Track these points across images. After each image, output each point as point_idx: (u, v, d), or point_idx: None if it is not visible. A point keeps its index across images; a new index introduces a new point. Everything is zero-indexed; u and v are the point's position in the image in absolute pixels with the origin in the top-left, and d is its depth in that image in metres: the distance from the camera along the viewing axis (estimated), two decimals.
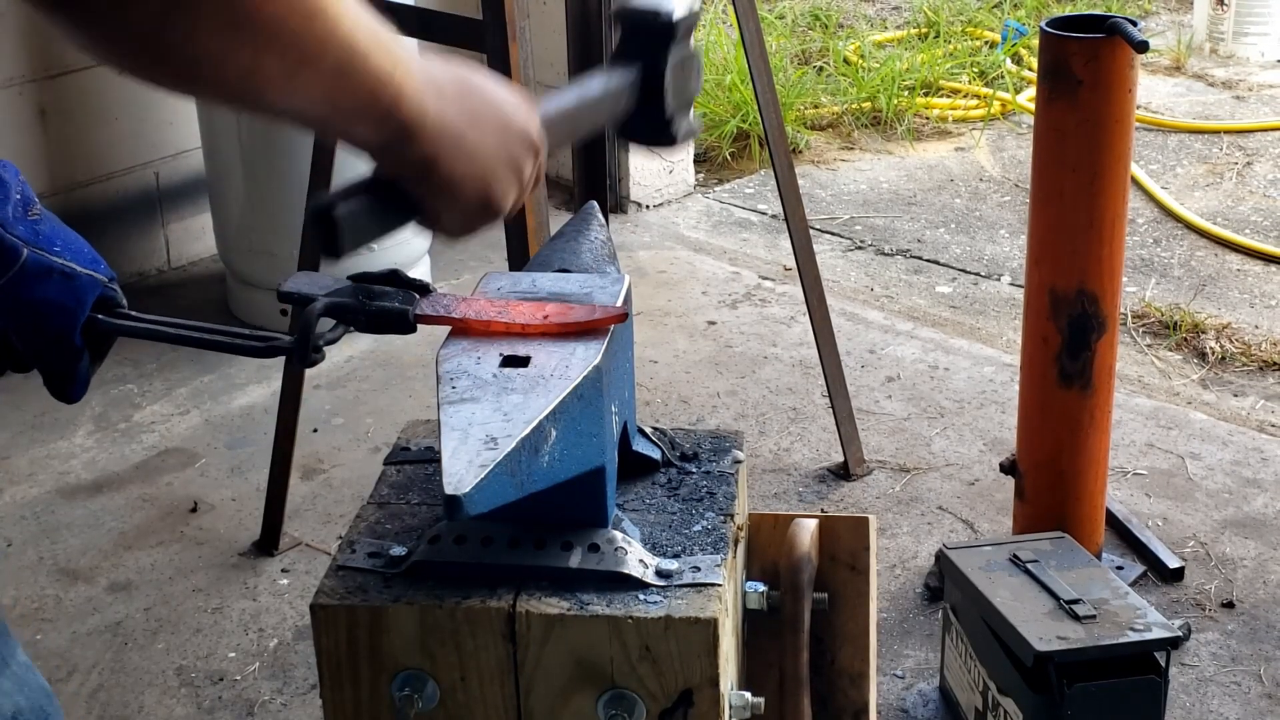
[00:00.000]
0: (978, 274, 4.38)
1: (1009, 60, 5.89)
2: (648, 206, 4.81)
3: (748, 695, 1.52)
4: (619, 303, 1.51)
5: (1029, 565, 2.48)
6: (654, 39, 1.42)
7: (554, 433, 1.35)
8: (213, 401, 3.73)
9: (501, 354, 1.43)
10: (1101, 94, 2.58)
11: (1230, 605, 2.90)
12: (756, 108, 3.64)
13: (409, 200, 1.20)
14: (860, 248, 4.56)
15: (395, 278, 1.48)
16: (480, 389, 1.37)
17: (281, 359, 2.30)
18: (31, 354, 1.35)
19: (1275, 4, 6.04)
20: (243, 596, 3.01)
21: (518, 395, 1.36)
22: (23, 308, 1.33)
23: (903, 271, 4.41)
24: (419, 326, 1.47)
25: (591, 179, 3.12)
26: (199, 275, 4.39)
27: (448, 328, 1.50)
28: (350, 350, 3.93)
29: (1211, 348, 3.86)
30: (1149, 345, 3.93)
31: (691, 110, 1.50)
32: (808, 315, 3.24)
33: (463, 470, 1.26)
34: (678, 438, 1.70)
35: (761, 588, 1.66)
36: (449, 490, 1.24)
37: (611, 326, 1.47)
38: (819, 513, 3.20)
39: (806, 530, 1.70)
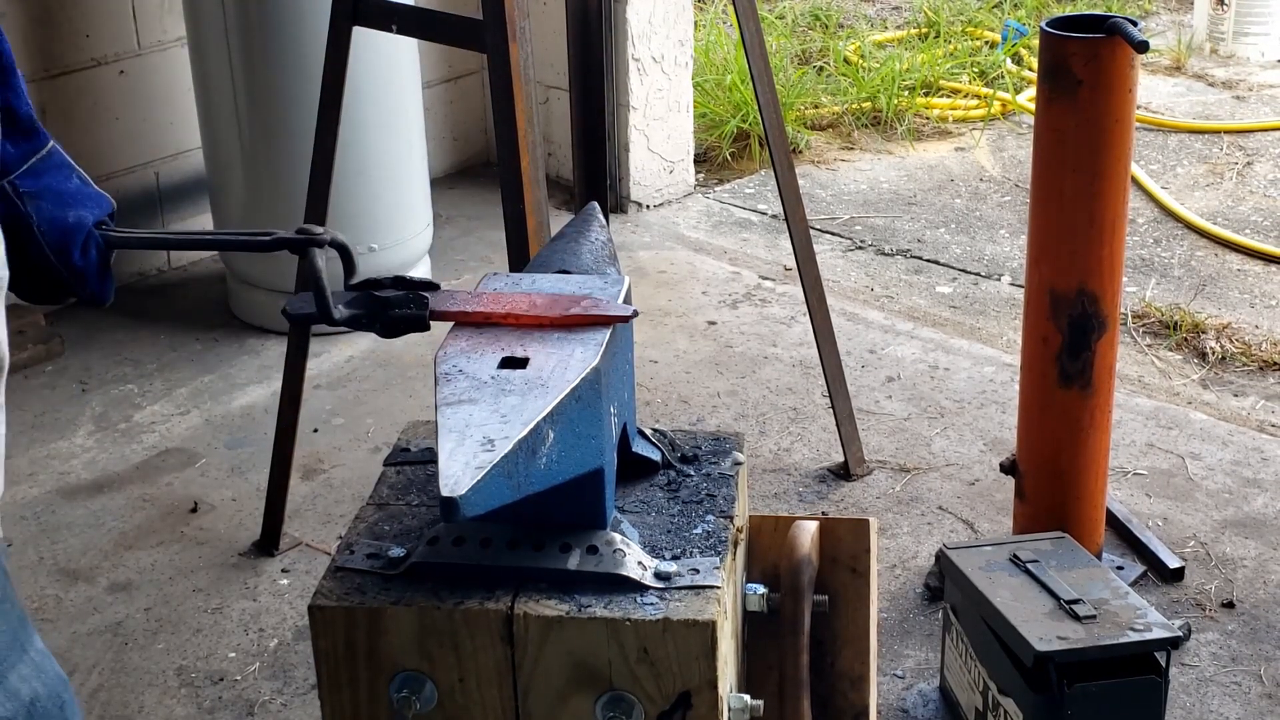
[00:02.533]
0: (978, 274, 4.38)
1: (1009, 60, 5.89)
2: (648, 206, 4.81)
3: (747, 698, 1.52)
4: (622, 303, 1.51)
5: (1029, 565, 2.48)
6: None
7: (552, 435, 1.35)
8: (213, 401, 3.73)
9: (500, 355, 1.43)
10: (1102, 94, 2.58)
11: (1230, 605, 2.90)
12: (756, 108, 3.64)
13: None
14: (860, 248, 4.56)
15: (401, 281, 1.50)
16: (478, 390, 1.38)
17: (281, 361, 2.27)
18: (54, 241, 1.42)
19: (1275, 4, 6.04)
20: (243, 596, 3.01)
21: (515, 397, 1.36)
22: (48, 192, 1.44)
23: (903, 271, 4.40)
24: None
25: (592, 179, 3.12)
26: (199, 275, 4.39)
27: (446, 327, 1.51)
28: (350, 350, 3.93)
29: (1212, 348, 3.86)
30: (1149, 345, 3.93)
31: None
32: (808, 315, 3.24)
33: (459, 472, 1.26)
34: (678, 439, 1.69)
35: (762, 590, 1.66)
36: (445, 492, 1.24)
37: (611, 328, 1.47)
38: (819, 513, 3.20)
39: (807, 532, 1.70)
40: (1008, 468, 2.96)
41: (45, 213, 1.44)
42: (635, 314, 1.50)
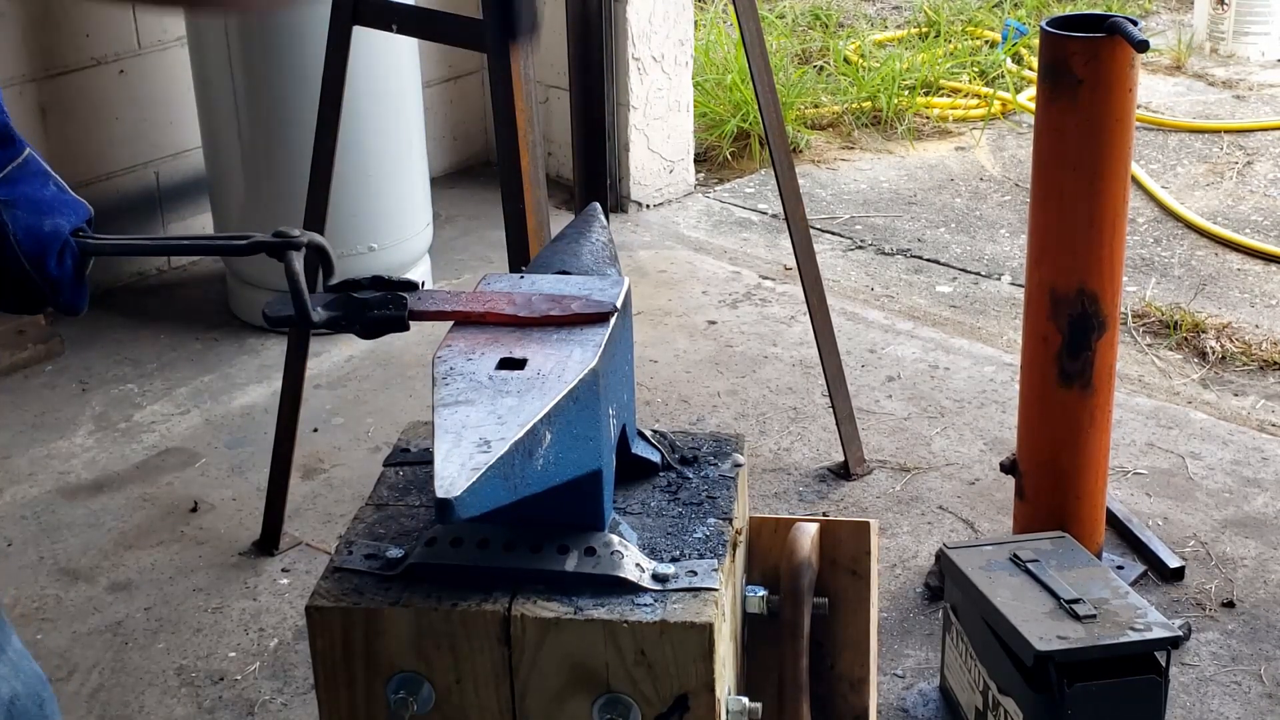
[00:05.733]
0: (978, 273, 4.37)
1: (1009, 60, 5.88)
2: (648, 206, 4.80)
3: (745, 700, 1.52)
4: (618, 304, 1.51)
5: (1029, 565, 2.47)
6: None
7: (549, 436, 1.34)
8: (213, 401, 3.73)
9: (498, 356, 1.43)
10: (1102, 93, 2.58)
11: (1230, 605, 2.89)
12: (756, 107, 3.64)
13: None
14: (860, 247, 4.56)
15: (380, 281, 1.50)
16: (475, 391, 1.37)
17: (281, 361, 2.25)
18: (29, 250, 1.41)
19: (1275, 3, 6.03)
20: (243, 596, 3.01)
21: (513, 398, 1.35)
22: (24, 200, 1.43)
23: (903, 271, 4.40)
24: (415, 325, 1.49)
25: (592, 179, 3.12)
26: (199, 275, 4.39)
27: (446, 327, 1.50)
28: (350, 350, 3.93)
29: (1212, 347, 3.86)
30: (1149, 345, 3.93)
31: None
32: (808, 315, 3.23)
33: (455, 473, 1.26)
34: (678, 440, 1.69)
35: (762, 592, 1.66)
36: (440, 493, 1.24)
37: (609, 328, 1.47)
38: (819, 513, 3.20)
39: (807, 535, 1.69)
40: (1008, 467, 2.96)
41: (21, 221, 1.42)
42: (614, 311, 1.49)
